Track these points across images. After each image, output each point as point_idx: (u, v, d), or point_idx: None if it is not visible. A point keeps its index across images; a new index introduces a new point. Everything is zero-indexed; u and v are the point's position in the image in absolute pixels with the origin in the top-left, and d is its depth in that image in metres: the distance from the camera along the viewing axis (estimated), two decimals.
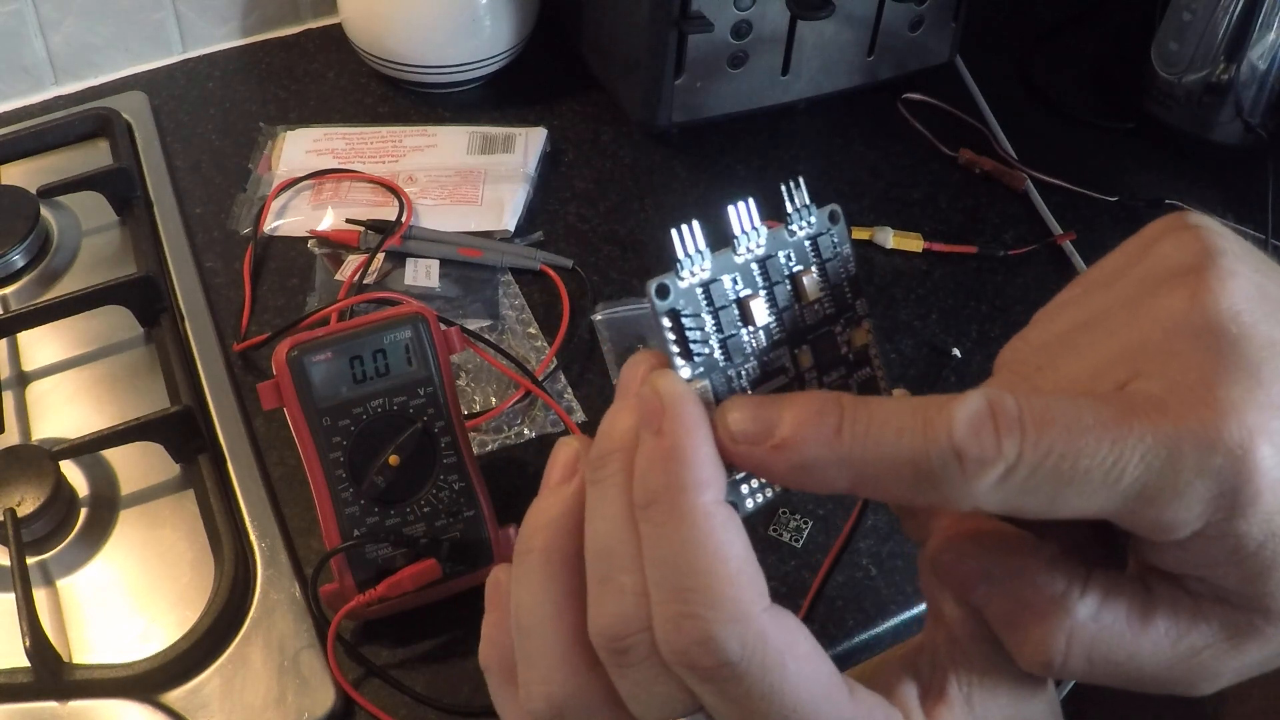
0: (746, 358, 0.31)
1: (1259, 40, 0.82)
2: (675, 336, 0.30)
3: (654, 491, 0.27)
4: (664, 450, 0.27)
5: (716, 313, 0.30)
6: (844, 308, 0.33)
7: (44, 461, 0.59)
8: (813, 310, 0.32)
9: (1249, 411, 0.24)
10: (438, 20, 0.84)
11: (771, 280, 0.32)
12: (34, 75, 0.86)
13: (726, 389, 0.30)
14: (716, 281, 0.30)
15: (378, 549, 0.55)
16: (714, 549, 0.26)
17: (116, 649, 0.55)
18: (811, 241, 0.33)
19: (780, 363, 0.31)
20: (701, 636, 0.26)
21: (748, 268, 0.31)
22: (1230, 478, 0.23)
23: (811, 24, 0.80)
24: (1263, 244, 0.80)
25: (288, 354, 0.52)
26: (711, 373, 0.30)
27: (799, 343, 0.32)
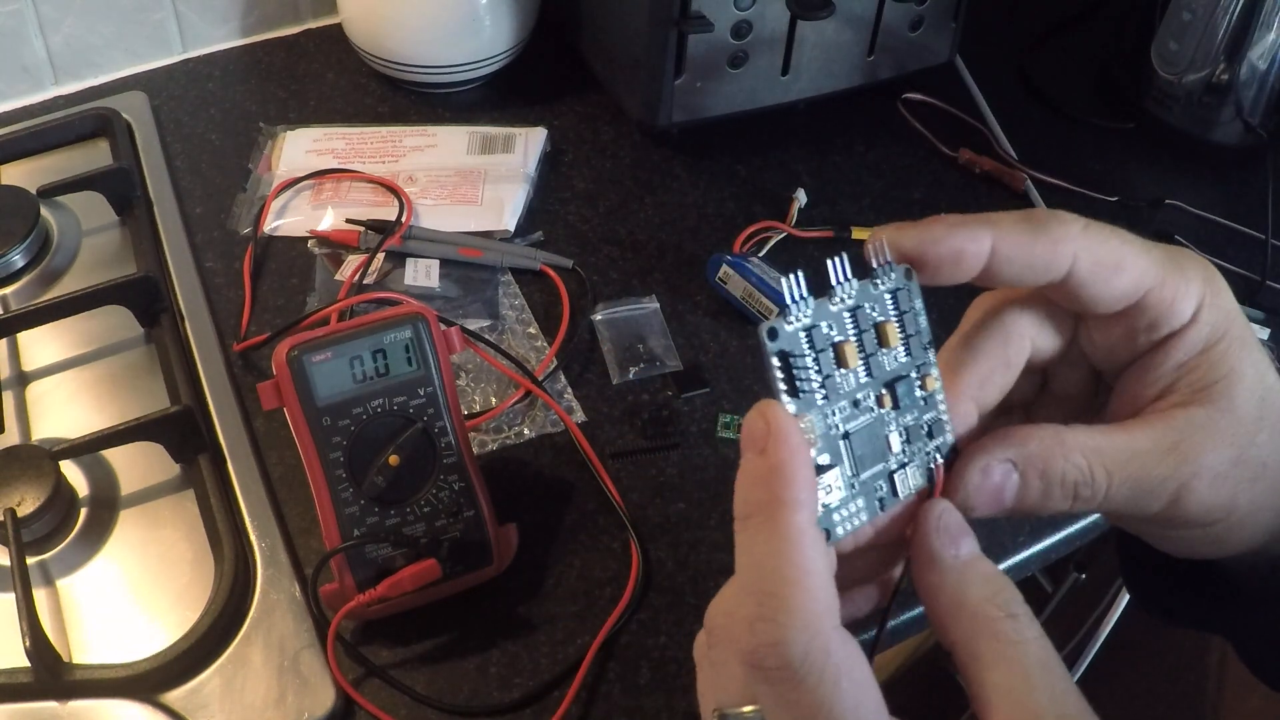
0: (840, 397, 0.34)
1: (1259, 40, 0.82)
2: (784, 375, 0.33)
3: (753, 504, 0.31)
4: (767, 468, 0.31)
5: (818, 355, 0.34)
6: (917, 356, 0.36)
7: (44, 461, 0.59)
8: (893, 358, 0.36)
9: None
10: (438, 20, 0.84)
11: (860, 328, 0.35)
12: (34, 75, 0.86)
13: (823, 425, 0.34)
14: (817, 327, 0.34)
15: (378, 549, 0.55)
16: (799, 562, 0.29)
17: (116, 649, 0.55)
18: (892, 295, 0.36)
19: (867, 404, 0.35)
20: (773, 639, 0.28)
21: (840, 315, 0.35)
22: (1210, 276, 0.35)
23: (811, 24, 0.80)
24: (1263, 244, 0.80)
25: (288, 354, 0.52)
26: (813, 409, 0.33)
27: (881, 386, 0.35)
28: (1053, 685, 0.30)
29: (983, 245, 0.34)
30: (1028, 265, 0.34)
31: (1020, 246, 0.34)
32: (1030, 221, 0.34)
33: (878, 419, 0.35)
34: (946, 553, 0.34)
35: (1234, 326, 0.35)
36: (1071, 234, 0.34)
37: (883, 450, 0.35)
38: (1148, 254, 0.34)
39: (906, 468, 0.36)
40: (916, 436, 0.36)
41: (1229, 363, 0.34)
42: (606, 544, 0.62)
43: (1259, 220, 0.82)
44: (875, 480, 0.35)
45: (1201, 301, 0.35)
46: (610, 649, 0.57)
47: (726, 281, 0.73)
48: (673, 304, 0.74)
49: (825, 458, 0.34)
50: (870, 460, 0.35)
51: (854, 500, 0.35)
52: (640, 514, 0.63)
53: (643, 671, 0.57)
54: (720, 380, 0.70)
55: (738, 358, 0.72)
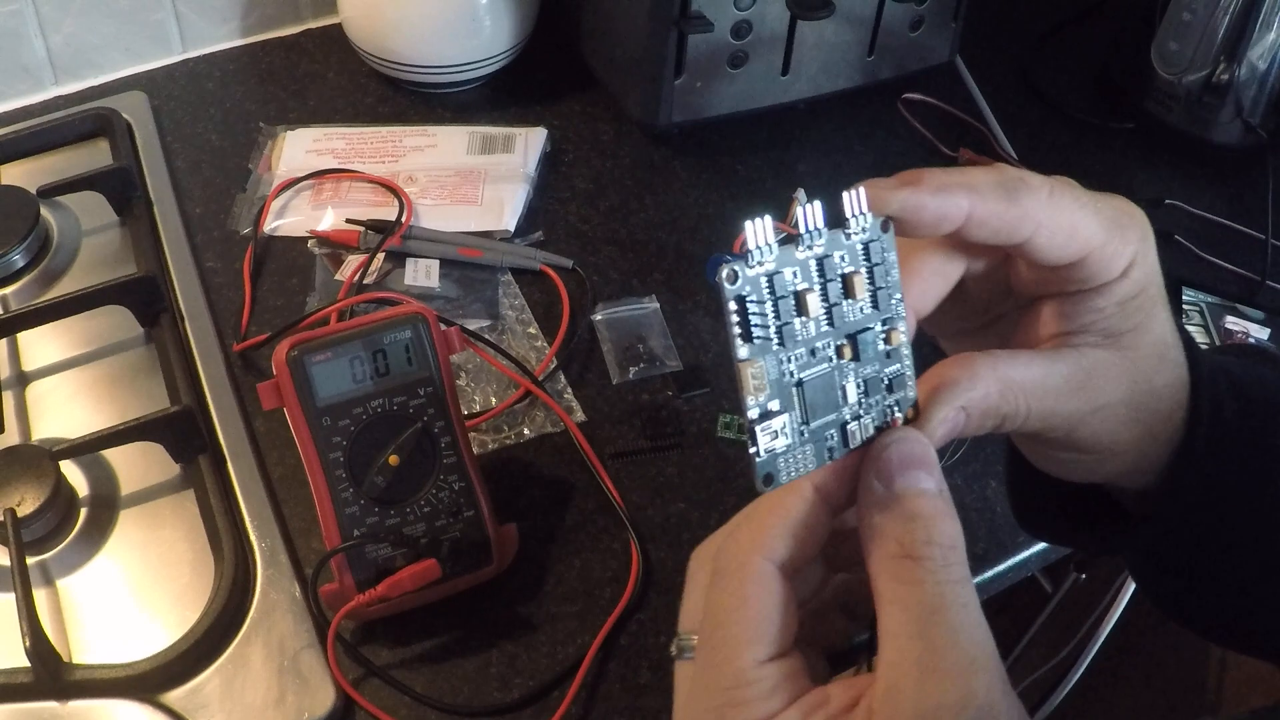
0: (797, 345, 0.34)
1: (1259, 40, 0.82)
2: (739, 319, 0.33)
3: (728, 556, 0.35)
4: (737, 542, 0.35)
5: (776, 301, 0.34)
6: (885, 309, 0.36)
7: (44, 461, 0.59)
8: (857, 309, 0.36)
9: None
10: (438, 20, 0.84)
11: (826, 277, 0.35)
12: (34, 75, 0.86)
13: (776, 372, 0.34)
14: (779, 273, 0.34)
15: (378, 549, 0.55)
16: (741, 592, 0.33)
17: (116, 649, 0.55)
18: (864, 246, 0.36)
19: (826, 353, 0.35)
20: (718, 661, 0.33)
21: (807, 264, 0.34)
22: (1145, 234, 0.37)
23: (811, 24, 0.80)
24: (1263, 244, 0.80)
25: (288, 354, 0.52)
26: (765, 355, 0.34)
27: (842, 336, 0.35)
28: (934, 636, 0.30)
29: (961, 211, 0.35)
30: (995, 231, 0.36)
31: (993, 215, 0.35)
32: (1003, 189, 0.35)
33: (835, 369, 0.35)
34: (873, 484, 0.35)
35: (1153, 284, 0.38)
36: (1039, 202, 0.36)
37: (836, 401, 0.35)
38: (1097, 216, 0.37)
39: (861, 419, 0.36)
40: (875, 389, 0.36)
41: (1142, 314, 0.38)
42: (606, 544, 0.62)
43: (1259, 220, 0.82)
44: (827, 429, 0.35)
45: (1134, 260, 0.37)
46: (610, 649, 0.57)
47: None
48: (673, 304, 0.74)
49: (775, 404, 0.34)
50: (823, 410, 0.35)
51: (802, 448, 0.35)
52: (640, 514, 0.63)
53: (643, 671, 0.56)
54: (720, 380, 0.70)
55: None
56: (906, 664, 0.30)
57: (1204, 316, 0.75)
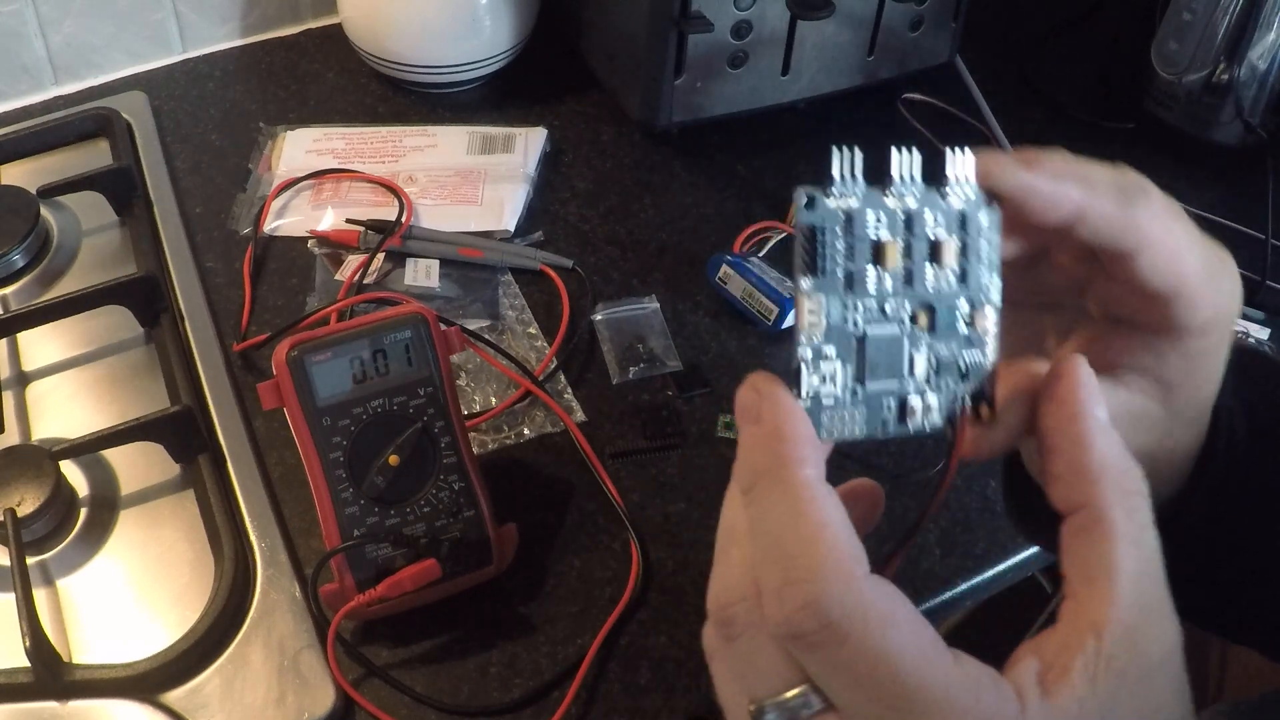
0: (866, 295, 0.31)
1: (1259, 40, 0.81)
2: (807, 249, 0.30)
3: (758, 471, 0.30)
4: (765, 433, 0.30)
5: (852, 243, 0.31)
6: (975, 286, 0.33)
7: (44, 461, 0.59)
8: (943, 279, 0.32)
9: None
10: (438, 20, 0.84)
11: (914, 234, 0.32)
12: (34, 75, 0.86)
13: (839, 316, 0.31)
14: (861, 214, 0.31)
15: (378, 549, 0.55)
16: (815, 518, 0.28)
17: (116, 649, 0.55)
18: (961, 216, 0.33)
19: (897, 314, 0.32)
20: (805, 601, 0.27)
21: (894, 214, 0.32)
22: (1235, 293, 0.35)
23: (811, 24, 0.80)
24: (1262, 244, 0.80)
25: (288, 354, 0.52)
26: (829, 294, 0.31)
27: (919, 303, 0.32)
28: (1161, 575, 0.30)
29: (1073, 204, 0.33)
30: (1100, 234, 0.33)
31: (1104, 217, 0.33)
32: (1121, 191, 0.33)
33: (907, 335, 0.32)
34: (1099, 412, 0.32)
35: (1224, 346, 0.36)
36: (1153, 215, 0.33)
37: (901, 369, 0.32)
38: (1202, 254, 0.34)
39: (926, 397, 0.32)
40: (948, 370, 0.33)
41: (1201, 377, 0.36)
42: (606, 544, 0.62)
43: (1259, 220, 0.82)
44: (884, 397, 0.32)
45: (1216, 316, 0.35)
46: (610, 649, 0.57)
47: (726, 281, 0.73)
48: (673, 304, 0.74)
49: (831, 349, 0.31)
50: (884, 373, 0.32)
51: (853, 409, 0.32)
52: (640, 514, 0.63)
53: (643, 671, 0.56)
54: (720, 380, 0.70)
55: (738, 358, 0.72)
56: (1146, 603, 0.29)
57: None
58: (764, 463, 0.30)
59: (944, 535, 0.63)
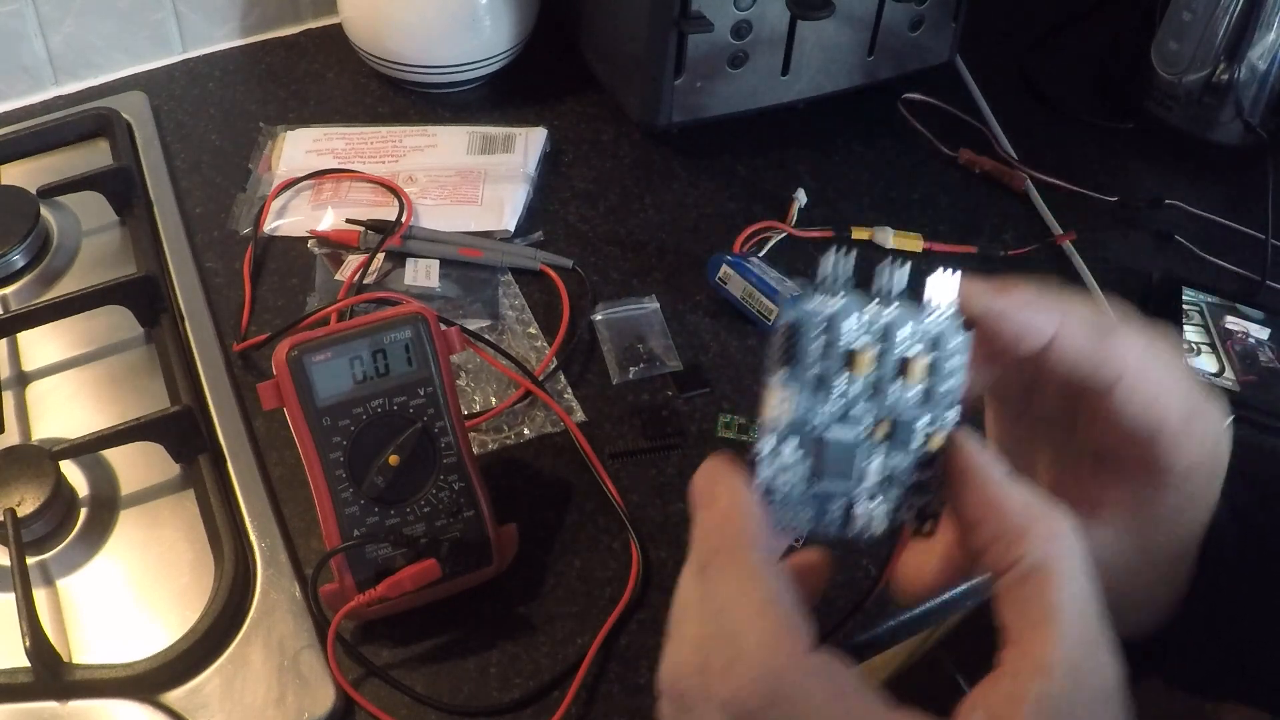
0: (832, 398, 0.33)
1: (1259, 40, 0.82)
2: (784, 344, 0.32)
3: (712, 551, 0.31)
4: (719, 516, 0.32)
5: (828, 345, 0.32)
6: (936, 407, 0.34)
7: (44, 461, 0.59)
8: (907, 394, 0.33)
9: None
10: (438, 20, 0.84)
11: (887, 345, 0.33)
12: (34, 75, 0.86)
13: (803, 414, 0.32)
14: (840, 319, 0.32)
15: (378, 549, 0.55)
16: (764, 597, 0.30)
17: (116, 649, 0.55)
18: (937, 336, 0.33)
19: (861, 420, 0.33)
20: (753, 677, 0.29)
21: (872, 322, 0.33)
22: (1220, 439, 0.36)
23: (811, 24, 0.80)
24: (1263, 244, 0.80)
25: (288, 354, 0.52)
26: (799, 391, 0.32)
27: (884, 414, 0.33)
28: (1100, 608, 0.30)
29: (1044, 335, 0.33)
30: (1076, 367, 0.34)
31: (1079, 351, 0.34)
32: (1097, 326, 0.34)
33: (865, 444, 0.33)
34: (1000, 469, 0.33)
35: (1212, 491, 0.36)
36: (1131, 349, 0.34)
37: (856, 474, 0.33)
38: (1185, 397, 0.35)
39: (873, 506, 0.34)
40: (897, 484, 0.34)
41: (1184, 522, 0.37)
42: (606, 544, 0.62)
43: (1259, 220, 0.82)
44: (833, 499, 0.33)
45: (1201, 460, 0.35)
46: (610, 649, 0.57)
47: (726, 281, 0.73)
48: (673, 304, 0.74)
49: (791, 444, 0.32)
50: (837, 475, 0.33)
51: (802, 504, 0.33)
52: (640, 514, 0.63)
53: (643, 671, 0.56)
54: (720, 380, 0.70)
55: (738, 358, 0.72)
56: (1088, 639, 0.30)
57: (1204, 316, 0.75)
58: (718, 544, 0.31)
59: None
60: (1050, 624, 0.30)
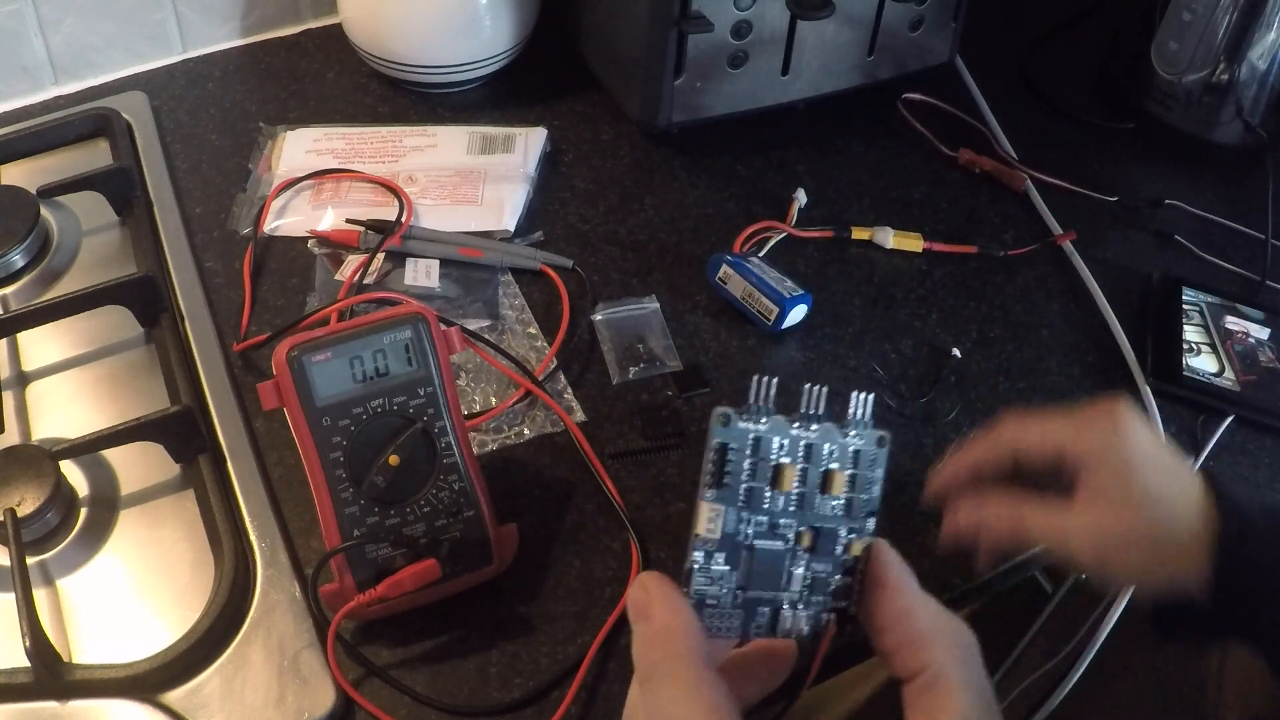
0: (761, 511, 0.35)
1: (1259, 40, 0.82)
2: (715, 465, 0.34)
3: (653, 665, 0.33)
4: (655, 630, 0.34)
5: (756, 463, 0.35)
6: (856, 517, 0.37)
7: (44, 461, 0.59)
8: (829, 505, 0.36)
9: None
10: (438, 20, 0.84)
11: (810, 462, 0.36)
12: (34, 75, 0.86)
13: (734, 526, 0.34)
14: (767, 439, 0.35)
15: (378, 549, 0.55)
16: (705, 706, 0.32)
17: (116, 649, 0.55)
18: (856, 452, 0.37)
19: (784, 532, 0.36)
20: None
21: (796, 442, 0.35)
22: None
23: (811, 24, 0.80)
24: (1263, 244, 0.80)
25: (288, 354, 0.52)
26: (729, 506, 0.34)
27: (806, 524, 0.36)
28: (997, 711, 0.34)
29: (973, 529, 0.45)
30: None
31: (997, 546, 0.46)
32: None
33: (789, 552, 0.36)
34: (912, 583, 0.36)
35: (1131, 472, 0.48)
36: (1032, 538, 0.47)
37: (779, 581, 0.36)
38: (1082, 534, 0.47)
39: (798, 609, 0.37)
40: (820, 589, 0.37)
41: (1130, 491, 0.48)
42: (606, 544, 0.62)
43: (1259, 220, 0.82)
44: (760, 605, 0.36)
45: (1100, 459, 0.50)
46: (610, 649, 0.57)
47: (726, 281, 0.73)
48: (673, 304, 0.74)
49: (721, 556, 0.35)
50: (763, 584, 0.36)
51: (732, 611, 0.35)
52: (640, 514, 0.63)
53: None
54: (720, 380, 0.70)
55: (738, 358, 0.72)
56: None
57: (1204, 316, 0.75)
58: (657, 657, 0.33)
59: None
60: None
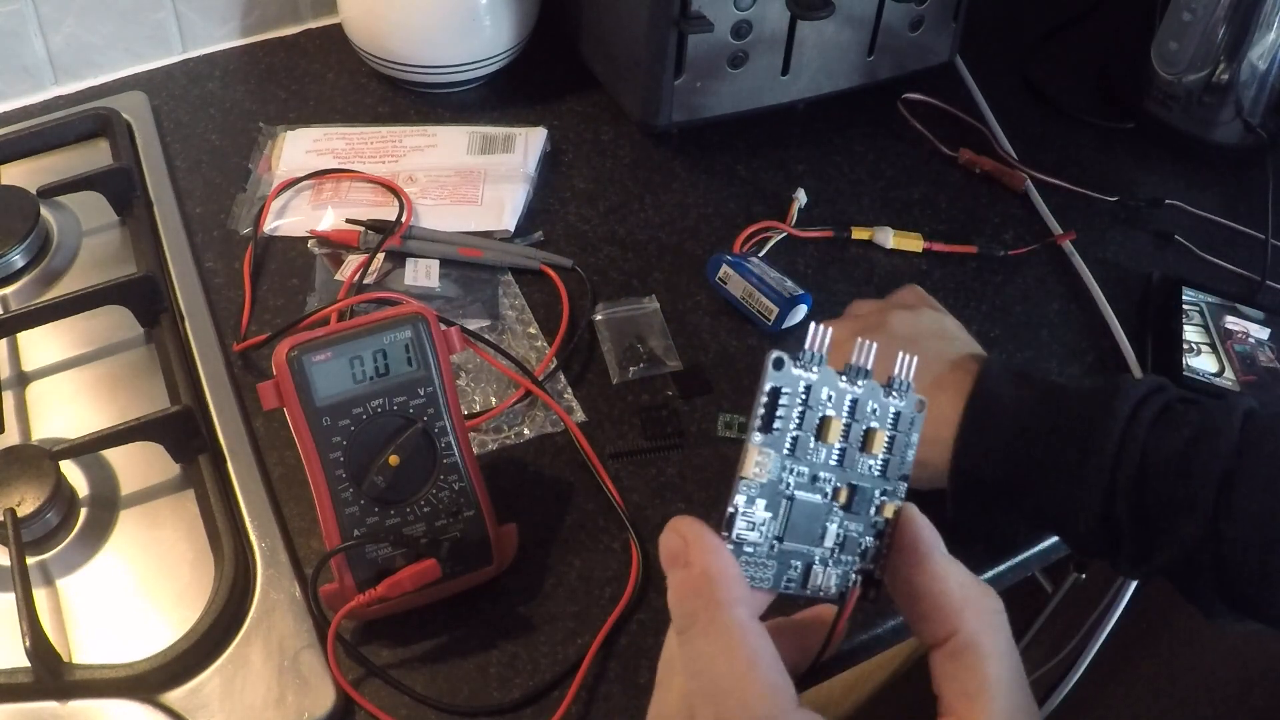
0: (803, 463, 0.35)
1: (1259, 40, 0.82)
2: (766, 410, 0.33)
3: (691, 614, 0.32)
4: (694, 576, 0.32)
5: (804, 412, 0.34)
6: (890, 479, 0.37)
7: (44, 461, 0.59)
8: (867, 464, 0.36)
9: None
10: (438, 20, 0.84)
11: (854, 418, 0.35)
12: (34, 75, 0.86)
13: (777, 473, 0.34)
14: (817, 389, 0.34)
15: (378, 549, 0.55)
16: (746, 657, 0.31)
17: (116, 649, 0.55)
18: (896, 413, 0.37)
19: (823, 486, 0.35)
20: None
21: (843, 396, 0.35)
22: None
23: (811, 24, 0.80)
24: (1263, 244, 0.80)
25: (288, 354, 0.52)
26: (774, 452, 0.34)
27: (845, 481, 0.36)
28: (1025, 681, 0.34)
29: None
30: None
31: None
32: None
33: (826, 506, 0.35)
34: (942, 549, 0.36)
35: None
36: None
37: (816, 535, 0.36)
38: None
39: (829, 567, 0.36)
40: (851, 549, 0.37)
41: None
42: (606, 544, 0.62)
43: (1259, 220, 0.82)
44: (794, 559, 0.35)
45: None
46: (610, 649, 0.57)
47: (726, 281, 0.73)
48: (673, 304, 0.74)
49: (763, 502, 0.34)
50: (800, 536, 0.35)
51: (767, 560, 0.35)
52: (640, 514, 0.63)
53: (643, 671, 0.56)
54: (720, 380, 0.70)
55: (738, 358, 0.72)
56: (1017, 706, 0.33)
57: (1204, 316, 0.75)
58: (696, 605, 0.32)
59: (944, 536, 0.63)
60: (984, 697, 0.32)
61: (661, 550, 0.33)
